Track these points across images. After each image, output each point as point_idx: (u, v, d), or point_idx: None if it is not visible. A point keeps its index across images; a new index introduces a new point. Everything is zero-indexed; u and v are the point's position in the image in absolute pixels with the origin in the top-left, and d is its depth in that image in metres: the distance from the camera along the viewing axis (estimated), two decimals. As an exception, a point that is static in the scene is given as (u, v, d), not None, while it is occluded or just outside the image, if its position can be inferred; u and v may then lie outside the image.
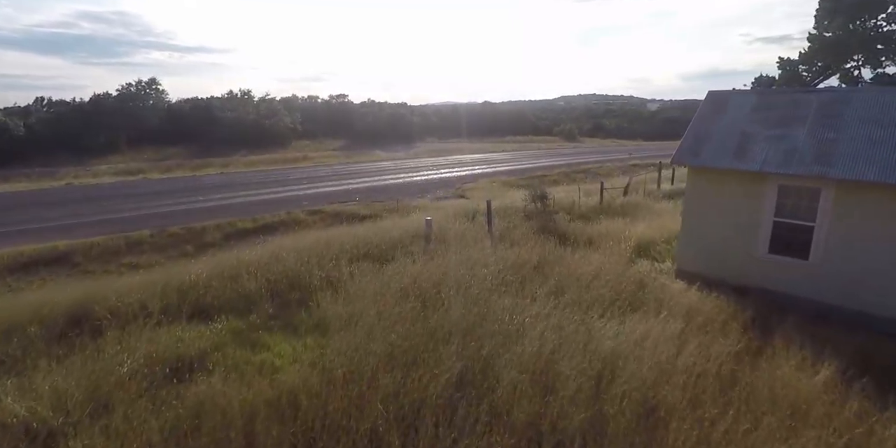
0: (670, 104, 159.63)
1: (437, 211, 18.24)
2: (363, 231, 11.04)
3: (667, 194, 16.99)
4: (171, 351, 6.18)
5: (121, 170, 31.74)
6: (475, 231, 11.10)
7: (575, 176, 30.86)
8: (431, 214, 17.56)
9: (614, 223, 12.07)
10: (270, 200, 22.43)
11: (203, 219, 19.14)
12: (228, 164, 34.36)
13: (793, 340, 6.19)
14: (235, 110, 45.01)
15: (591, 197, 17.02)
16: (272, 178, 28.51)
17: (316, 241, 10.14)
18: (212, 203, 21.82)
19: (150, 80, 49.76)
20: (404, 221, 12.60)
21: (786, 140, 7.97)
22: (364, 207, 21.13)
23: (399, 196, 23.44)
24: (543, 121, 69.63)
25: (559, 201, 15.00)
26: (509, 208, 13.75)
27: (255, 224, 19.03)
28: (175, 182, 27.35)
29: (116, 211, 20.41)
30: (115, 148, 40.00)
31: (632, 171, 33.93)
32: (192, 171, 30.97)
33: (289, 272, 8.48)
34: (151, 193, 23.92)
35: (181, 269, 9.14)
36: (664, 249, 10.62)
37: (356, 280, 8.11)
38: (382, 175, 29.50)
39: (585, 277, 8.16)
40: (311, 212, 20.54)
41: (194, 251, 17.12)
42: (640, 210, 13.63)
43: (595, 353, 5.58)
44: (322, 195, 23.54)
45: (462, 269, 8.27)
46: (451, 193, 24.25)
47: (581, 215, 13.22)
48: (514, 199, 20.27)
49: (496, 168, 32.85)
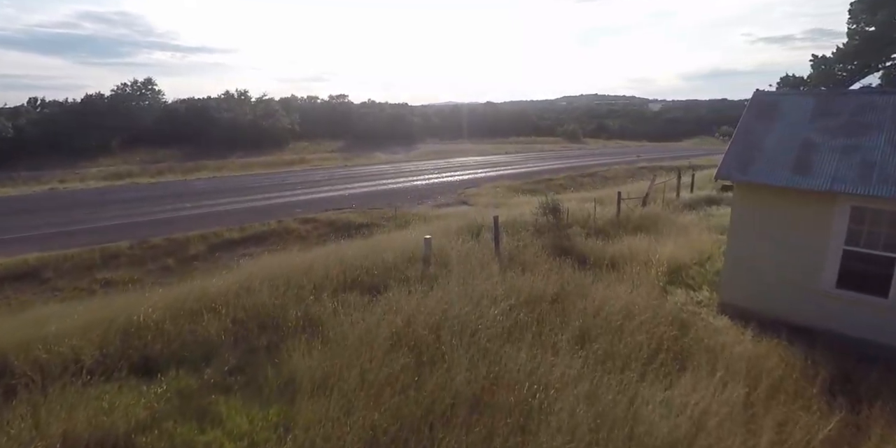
0: (672, 104, 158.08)
1: (439, 221, 16.81)
2: (354, 251, 9.61)
3: (687, 204, 15.51)
4: (95, 426, 4.75)
5: (110, 173, 30.35)
6: (481, 251, 9.65)
7: (582, 180, 29.38)
8: (432, 226, 16.12)
9: (637, 241, 10.60)
10: (262, 208, 21.01)
11: (188, 228, 17.73)
12: (222, 167, 32.95)
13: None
14: (232, 111, 43.56)
15: (605, 206, 15.56)
16: (266, 183, 27.08)
17: (298, 265, 8.72)
18: (199, 210, 20.41)
19: (146, 80, 48.34)
20: (401, 237, 11.15)
21: (860, 152, 6.52)
22: (360, 215, 19.71)
23: (398, 202, 22.01)
24: (546, 121, 68.11)
25: (572, 212, 13.55)
26: (518, 222, 12.30)
27: (243, 234, 17.62)
28: (164, 187, 25.93)
29: (97, 219, 19.01)
30: (107, 150, 38.61)
31: (640, 175, 32.45)
32: (184, 175, 29.55)
33: (260, 308, 7.05)
34: (137, 199, 22.51)
35: (136, 299, 7.70)
36: (697, 274, 9.17)
37: (340, 318, 6.68)
38: (381, 179, 28.06)
39: (615, 317, 6.71)
40: (304, 220, 19.13)
41: (176, 265, 15.71)
42: (663, 224, 12.17)
43: (645, 443, 4.14)
44: (317, 201, 22.11)
45: (467, 305, 6.83)
46: (454, 199, 22.81)
47: (598, 230, 11.77)
48: (520, 206, 18.81)
49: (500, 171, 31.38)
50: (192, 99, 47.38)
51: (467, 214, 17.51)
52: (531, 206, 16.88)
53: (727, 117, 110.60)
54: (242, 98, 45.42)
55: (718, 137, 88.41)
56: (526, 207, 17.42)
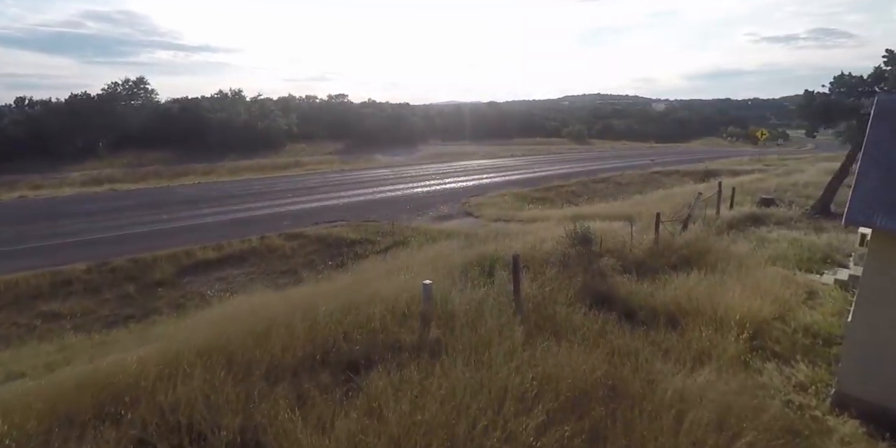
0: (676, 104, 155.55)
1: (440, 243, 14.50)
2: (333, 298, 7.30)
3: (730, 223, 13.15)
4: None
5: (90, 178, 28.08)
6: (496, 298, 7.34)
7: (595, 186, 27.02)
8: (432, 251, 13.77)
9: (690, 281, 8.28)
10: (246, 220, 18.72)
11: (159, 245, 15.46)
12: (211, 172, 30.66)
13: None
14: (226, 111, 41.23)
15: (633, 225, 13.22)
16: (255, 189, 24.78)
17: (254, 324, 6.42)
18: (176, 223, 18.12)
19: (139, 80, 46.07)
20: (395, 274, 8.83)
21: None
22: (354, 230, 17.41)
23: (396, 213, 19.70)
24: (551, 122, 65.65)
25: (598, 233, 11.24)
26: (536, 250, 9.96)
27: (220, 253, 15.33)
28: (144, 194, 23.65)
29: (57, 234, 16.73)
30: (93, 153, 36.37)
31: (656, 180, 30.08)
32: (169, 180, 27.26)
33: (184, 409, 4.77)
34: (111, 210, 20.23)
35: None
36: (783, 335, 6.85)
37: (296, 436, 4.39)
38: (379, 186, 25.73)
39: (701, 431, 4.42)
40: (291, 236, 16.83)
41: (137, 292, 13.41)
42: (714, 254, 9.84)
43: None
44: (308, 212, 19.82)
45: (484, 411, 4.55)
46: (457, 210, 20.48)
47: (637, 263, 9.45)
48: (534, 222, 16.49)
49: (506, 176, 29.02)
50: (186, 99, 45.11)
51: (474, 233, 15.21)
52: (547, 225, 14.57)
53: (732, 118, 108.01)
54: (236, 98, 43.06)
55: (726, 138, 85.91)
56: (540, 225, 15.10)
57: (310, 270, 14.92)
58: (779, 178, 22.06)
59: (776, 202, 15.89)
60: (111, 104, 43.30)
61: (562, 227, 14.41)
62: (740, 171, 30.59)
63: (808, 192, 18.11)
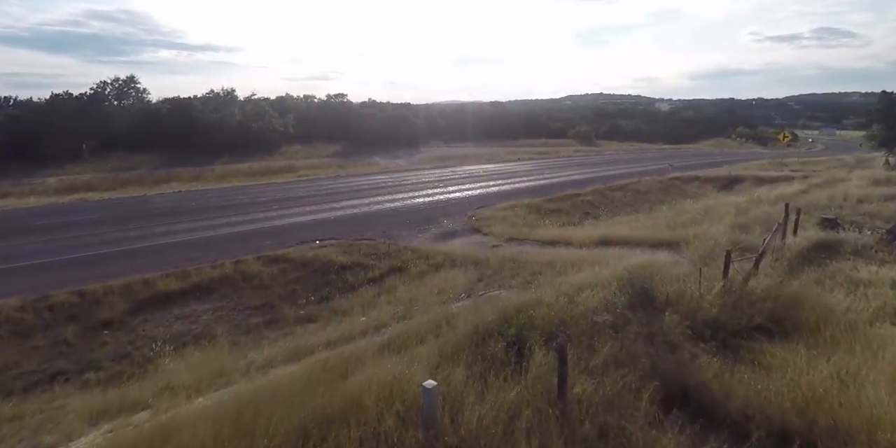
0: (680, 103, 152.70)
1: (446, 270, 11.98)
2: (280, 419, 4.77)
3: (801, 255, 10.53)
4: None
5: (65, 186, 25.57)
6: (532, 409, 4.81)
7: (612, 195, 24.42)
8: (436, 281, 11.26)
9: (802, 362, 5.76)
10: (223, 238, 16.20)
11: (116, 271, 12.95)
12: (198, 177, 28.11)
13: None
14: (218, 111, 38.66)
15: (686, 259, 10.70)
16: (240, 199, 22.25)
17: None
18: (142, 242, 15.59)
19: (129, 78, 43.51)
20: (386, 349, 6.30)
21: None
22: (344, 251, 14.88)
23: (394, 230, 17.17)
24: (556, 122, 62.96)
25: (644, 267, 8.69)
26: (577, 306, 7.38)
27: (185, 283, 12.78)
28: (116, 205, 21.13)
29: (2, 258, 14.25)
30: (77, 156, 33.86)
31: (676, 189, 27.46)
32: (149, 188, 24.72)
33: None
34: (74, 225, 17.71)
35: None
36: None
37: None
38: (377, 194, 23.18)
39: None
40: (271, 259, 14.29)
41: (76, 338, 10.82)
42: (810, 310, 7.29)
43: None
44: (293, 228, 17.30)
45: None
46: (463, 225, 17.93)
47: (711, 324, 6.92)
48: (556, 246, 13.88)
49: (515, 184, 26.44)
50: (178, 98, 42.53)
51: (484, 260, 12.66)
52: (576, 256, 11.93)
53: (739, 117, 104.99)
54: (229, 97, 40.45)
55: (735, 139, 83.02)
56: (565, 254, 12.48)
57: (289, 305, 12.39)
58: (823, 190, 19.43)
59: (840, 224, 13.29)
60: (99, 104, 40.81)
61: (590, 252, 11.85)
62: (766, 179, 27.98)
63: (866, 208, 15.51)
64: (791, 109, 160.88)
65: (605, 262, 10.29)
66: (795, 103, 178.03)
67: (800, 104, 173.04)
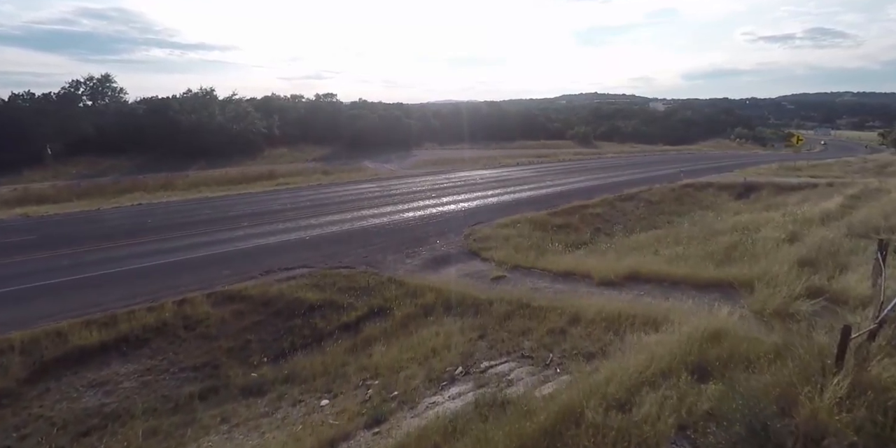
0: (675, 103, 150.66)
1: (439, 321, 9.32)
2: None
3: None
4: None
5: (15, 197, 22.59)
6: None
7: (623, 206, 21.78)
8: (424, 340, 8.66)
9: None
10: (172, 266, 13.39)
11: (26, 317, 10.13)
12: (167, 185, 25.18)
13: None
14: (196, 112, 35.69)
15: (745, 311, 8.10)
16: (205, 214, 19.42)
17: None
18: (75, 273, 12.75)
19: (104, 77, 40.38)
20: None
21: None
22: (316, 284, 12.08)
23: (378, 254, 14.42)
24: (554, 123, 60.30)
25: (730, 356, 6.03)
26: (635, 414, 4.76)
27: (109, 333, 9.90)
28: (62, 222, 18.25)
29: None
30: (38, 160, 30.86)
31: (690, 197, 24.88)
32: (107, 200, 21.79)
33: None
34: (1, 249, 14.86)
35: None
36: None
37: None
38: (361, 208, 20.41)
39: None
40: (226, 296, 11.46)
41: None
42: None
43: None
44: (260, 252, 14.51)
45: None
46: (458, 247, 15.20)
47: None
48: (572, 279, 11.12)
49: (515, 193, 23.74)
50: (155, 99, 39.48)
51: (485, 302, 9.96)
52: (600, 301, 9.21)
53: (737, 117, 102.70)
54: (208, 97, 37.43)
55: (734, 140, 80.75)
56: (587, 296, 9.80)
57: (238, 363, 9.60)
58: (867, 203, 16.88)
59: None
60: (69, 104, 37.67)
61: (621, 295, 9.19)
62: (785, 186, 25.46)
63: (932, 229, 12.95)
64: (785, 109, 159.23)
65: (650, 318, 7.67)
66: (789, 103, 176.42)
67: (793, 104, 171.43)
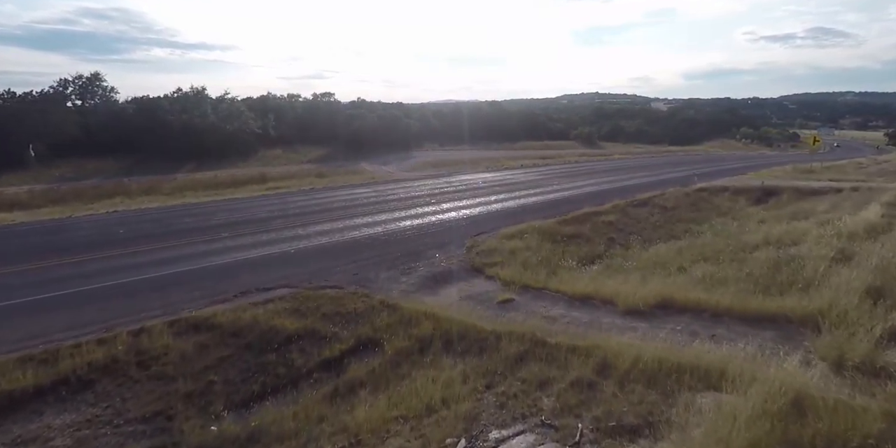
0: (676, 103, 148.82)
1: (437, 364, 7.66)
2: None
3: None
4: None
5: (-15, 202, 21.04)
6: None
7: (636, 213, 20.14)
8: (418, 389, 7.08)
9: None
10: (136, 286, 11.73)
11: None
12: (151, 190, 23.54)
13: None
14: (187, 112, 34.08)
15: (811, 356, 6.48)
16: (184, 223, 17.82)
17: None
18: (22, 296, 11.06)
19: (94, 75, 38.77)
20: None
21: None
22: (296, 309, 10.41)
23: (369, 270, 12.78)
24: (556, 123, 58.60)
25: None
26: None
27: (48, 373, 8.19)
28: (28, 233, 16.65)
29: None
30: (20, 162, 29.29)
31: (707, 202, 23.24)
32: (81, 206, 20.23)
33: None
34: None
35: None
36: None
37: None
38: (354, 216, 18.80)
39: None
40: (190, 325, 9.74)
41: None
42: None
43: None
44: (239, 268, 12.87)
45: None
46: (459, 262, 13.57)
47: None
48: (589, 305, 9.50)
49: (520, 199, 22.12)
50: (146, 98, 37.87)
51: (492, 336, 8.31)
52: (628, 338, 7.56)
53: (741, 117, 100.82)
54: (200, 96, 35.81)
55: (740, 140, 78.95)
56: (609, 331, 8.19)
57: (196, 414, 7.91)
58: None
59: None
60: (55, 104, 36.09)
61: (654, 329, 7.60)
62: (806, 190, 23.81)
63: None
64: (787, 109, 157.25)
65: (703, 370, 6.07)
66: (791, 103, 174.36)
67: (795, 104, 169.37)
